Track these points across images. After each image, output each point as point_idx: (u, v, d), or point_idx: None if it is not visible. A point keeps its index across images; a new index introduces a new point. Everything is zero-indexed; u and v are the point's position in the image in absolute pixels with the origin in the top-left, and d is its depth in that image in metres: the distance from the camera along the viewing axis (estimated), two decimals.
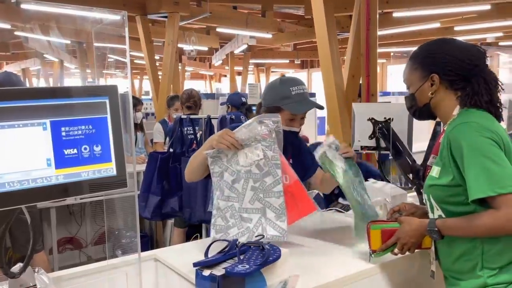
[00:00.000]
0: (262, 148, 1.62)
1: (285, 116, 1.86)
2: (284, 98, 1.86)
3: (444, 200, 1.36)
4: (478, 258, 1.32)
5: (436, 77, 1.43)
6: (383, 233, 1.49)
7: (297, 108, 1.87)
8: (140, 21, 6.94)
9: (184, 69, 13.96)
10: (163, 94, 6.81)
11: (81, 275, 1.52)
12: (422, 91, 1.47)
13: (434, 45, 1.48)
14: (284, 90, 1.88)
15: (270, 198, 1.63)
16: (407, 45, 11.22)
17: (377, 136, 2.39)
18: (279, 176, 1.62)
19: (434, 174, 1.38)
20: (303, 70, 17.65)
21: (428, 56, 1.46)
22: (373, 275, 1.56)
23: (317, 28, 3.95)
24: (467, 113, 1.37)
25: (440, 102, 1.45)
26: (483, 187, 1.22)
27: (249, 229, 1.64)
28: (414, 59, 1.51)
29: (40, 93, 1.05)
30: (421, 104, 1.49)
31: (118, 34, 2.28)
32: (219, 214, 1.71)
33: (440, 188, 1.36)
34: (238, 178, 1.67)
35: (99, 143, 1.12)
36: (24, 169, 1.01)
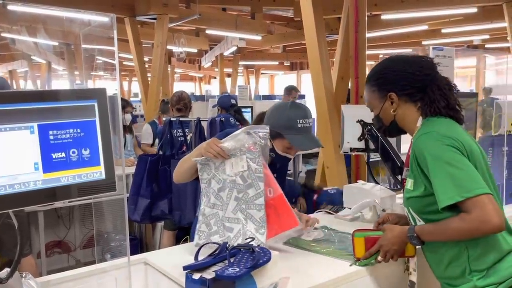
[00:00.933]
0: (247, 160, 1.62)
1: (285, 143, 1.89)
2: (289, 128, 1.87)
3: (422, 210, 1.40)
4: (465, 263, 1.34)
5: (394, 95, 1.47)
6: (366, 240, 1.51)
7: (299, 143, 1.89)
8: (129, 22, 6.91)
9: (173, 71, 13.90)
10: (152, 96, 6.78)
11: (70, 279, 1.51)
12: (385, 111, 1.51)
13: (383, 65, 1.54)
14: (291, 120, 1.88)
15: (251, 210, 1.63)
16: (396, 47, 11.33)
17: (366, 138, 2.40)
18: (261, 189, 1.62)
19: (409, 186, 1.42)
20: (293, 72, 17.70)
21: (381, 77, 1.52)
22: (363, 276, 1.57)
23: (306, 30, 3.96)
24: (428, 123, 1.42)
25: (404, 117, 1.49)
26: (450, 194, 1.25)
27: (229, 238, 1.64)
28: (369, 82, 1.56)
29: (28, 96, 1.04)
30: (387, 122, 1.53)
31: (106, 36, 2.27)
32: (204, 220, 1.71)
33: (416, 200, 1.39)
34: (223, 187, 1.68)
35: (88, 147, 1.11)
36: (11, 173, 1.00)
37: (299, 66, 17.29)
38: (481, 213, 1.21)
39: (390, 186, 2.53)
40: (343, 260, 1.62)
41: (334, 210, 2.33)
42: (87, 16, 1.62)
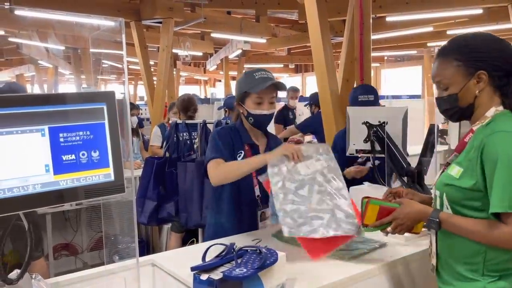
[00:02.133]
0: (325, 159, 1.80)
1: (253, 100, 1.99)
2: (250, 82, 2.00)
3: (458, 202, 1.34)
4: (480, 264, 1.31)
5: (484, 74, 1.32)
6: (381, 209, 1.48)
7: (259, 86, 1.96)
8: (134, 26, 6.95)
9: (178, 74, 13.95)
10: (158, 100, 6.81)
11: (79, 280, 1.52)
12: (467, 90, 1.34)
13: (475, 40, 1.37)
14: (248, 77, 2.03)
15: (337, 199, 1.70)
16: (401, 49, 11.31)
17: (372, 140, 2.40)
18: (343, 183, 1.74)
19: (454, 173, 1.34)
20: (297, 74, 17.71)
21: (473, 51, 1.34)
22: (370, 277, 1.58)
23: (311, 32, 3.97)
24: (506, 119, 1.31)
25: (484, 101, 1.35)
26: (508, 203, 1.20)
27: (323, 224, 1.63)
28: (453, 55, 1.36)
29: (39, 99, 1.06)
30: (464, 104, 1.36)
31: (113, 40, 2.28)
32: (286, 215, 1.69)
33: (457, 189, 1.33)
34: (302, 185, 1.73)
35: (97, 149, 1.13)
36: (22, 175, 1.02)
37: (304, 68, 17.29)
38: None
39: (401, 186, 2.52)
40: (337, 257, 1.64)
41: None
42: (95, 20, 1.64)
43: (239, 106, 2.07)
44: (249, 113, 2.02)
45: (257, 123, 2.04)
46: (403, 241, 1.81)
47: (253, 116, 2.02)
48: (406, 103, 6.43)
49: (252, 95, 1.99)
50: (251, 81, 2.01)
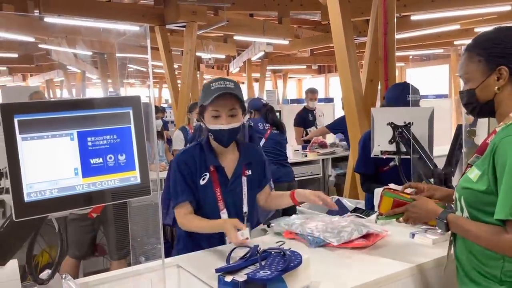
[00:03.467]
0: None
1: (209, 114, 1.82)
2: (204, 95, 1.82)
3: (474, 205, 1.31)
4: (497, 270, 1.28)
5: (505, 70, 1.28)
6: (395, 202, 1.58)
7: (211, 98, 1.76)
8: (159, 31, 7.07)
9: (202, 77, 14.10)
10: (182, 102, 6.91)
11: (107, 281, 1.56)
12: (486, 86, 1.31)
13: (497, 34, 1.32)
14: (205, 88, 1.86)
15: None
16: (427, 48, 11.09)
17: (397, 141, 2.37)
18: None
19: (472, 176, 1.30)
20: (321, 75, 17.61)
21: (495, 46, 1.30)
22: (393, 282, 1.55)
23: (334, 33, 3.95)
24: None
25: (505, 98, 1.30)
26: (508, 209, 1.17)
27: (352, 229, 1.81)
28: (476, 50, 1.33)
29: (68, 105, 1.09)
30: (483, 100, 1.33)
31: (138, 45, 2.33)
32: (324, 232, 1.84)
33: (474, 193, 1.29)
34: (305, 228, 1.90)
35: (124, 152, 1.15)
36: (53, 178, 1.05)
37: (327, 69, 17.17)
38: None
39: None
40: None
41: (365, 214, 2.30)
42: (121, 26, 1.68)
43: (201, 121, 1.90)
44: (208, 128, 1.85)
45: (217, 139, 1.85)
46: (431, 243, 1.78)
47: (212, 132, 1.84)
48: (433, 103, 6.31)
49: (208, 108, 1.81)
50: (206, 92, 1.81)
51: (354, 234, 1.79)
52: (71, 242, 3.17)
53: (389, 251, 1.74)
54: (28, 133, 1.01)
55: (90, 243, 3.21)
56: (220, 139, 1.85)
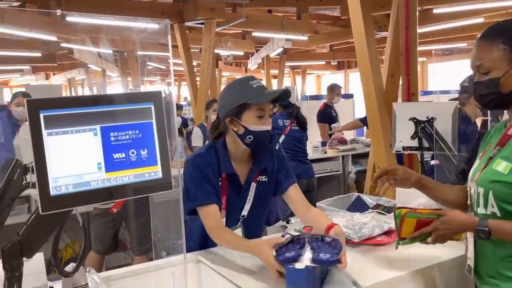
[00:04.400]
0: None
1: (253, 114, 1.67)
2: (248, 93, 1.66)
3: (509, 199, 1.26)
4: None
5: None
6: (418, 223, 1.39)
7: (266, 97, 1.66)
8: (177, 28, 7.11)
9: (220, 74, 14.13)
10: (201, 99, 6.94)
11: (131, 274, 1.58)
12: (511, 76, 1.27)
13: None
14: (245, 87, 1.69)
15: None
16: (450, 42, 10.85)
17: (420, 136, 2.33)
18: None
19: (501, 169, 1.26)
20: (340, 71, 17.45)
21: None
22: (414, 279, 1.53)
23: (354, 28, 3.89)
24: None
25: None
26: None
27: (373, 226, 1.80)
28: (499, 38, 1.30)
29: (92, 100, 1.11)
30: (506, 90, 1.29)
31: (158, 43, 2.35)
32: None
33: (508, 186, 1.25)
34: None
35: (146, 147, 1.16)
36: (77, 172, 1.07)
37: (347, 65, 17.00)
38: None
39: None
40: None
41: (387, 211, 2.27)
42: (142, 24, 1.69)
43: (231, 123, 1.70)
44: (247, 130, 1.67)
45: (257, 142, 1.69)
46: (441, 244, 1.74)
47: (253, 134, 1.67)
48: None
49: (252, 107, 1.66)
50: (249, 90, 1.66)
51: (375, 230, 1.77)
52: (94, 237, 3.23)
53: (411, 248, 1.71)
54: (54, 128, 1.03)
55: (112, 238, 3.26)
56: (262, 141, 1.71)
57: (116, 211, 3.13)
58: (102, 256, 3.28)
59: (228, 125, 1.72)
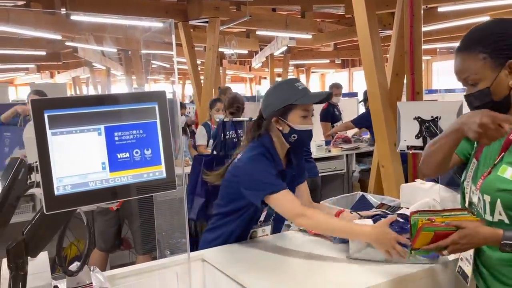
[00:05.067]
0: None
1: (298, 114, 1.79)
2: (294, 94, 1.79)
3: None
4: None
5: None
6: (435, 235, 1.29)
7: (313, 98, 1.80)
8: (181, 27, 7.11)
9: (225, 72, 14.14)
10: (205, 98, 6.94)
11: (134, 273, 1.58)
12: (500, 83, 1.24)
13: (496, 28, 1.27)
14: (291, 87, 1.82)
15: None
16: (454, 40, 10.79)
17: (424, 135, 2.32)
18: None
19: (508, 176, 1.21)
20: (344, 69, 17.40)
21: (497, 40, 1.24)
22: (417, 280, 1.52)
23: (359, 26, 3.88)
24: None
25: None
26: None
27: None
28: (476, 47, 1.27)
29: (95, 100, 1.11)
30: (499, 97, 1.26)
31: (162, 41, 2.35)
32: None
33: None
34: None
35: (150, 147, 1.16)
36: (81, 172, 1.07)
37: (351, 63, 16.96)
38: None
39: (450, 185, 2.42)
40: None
41: (391, 210, 2.26)
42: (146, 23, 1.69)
43: (277, 122, 1.82)
44: (292, 129, 1.80)
45: (301, 141, 1.83)
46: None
47: (298, 133, 1.80)
48: (460, 97, 6.13)
49: (298, 108, 1.79)
50: (296, 92, 1.79)
51: None
52: (97, 235, 3.25)
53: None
54: (58, 128, 1.03)
55: (115, 236, 3.27)
56: (305, 140, 1.86)
57: (116, 208, 3.14)
58: (106, 254, 3.30)
59: (274, 124, 1.83)
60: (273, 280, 1.50)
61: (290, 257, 1.73)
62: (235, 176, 1.84)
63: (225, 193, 1.93)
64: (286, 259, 1.72)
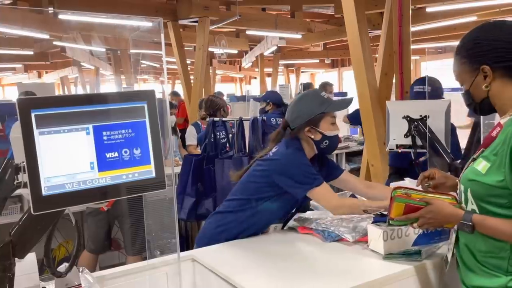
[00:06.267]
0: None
1: (328, 121, 1.94)
2: (322, 103, 1.93)
3: (484, 198, 1.28)
4: (504, 260, 1.26)
5: (487, 68, 1.29)
6: (406, 207, 1.43)
7: (340, 106, 1.99)
8: (171, 26, 7.08)
9: (214, 72, 14.10)
10: (195, 98, 6.92)
11: (124, 274, 1.57)
12: (476, 86, 1.33)
13: (475, 34, 1.34)
14: (318, 97, 1.96)
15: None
16: (442, 40, 10.90)
17: (413, 134, 2.34)
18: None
19: (480, 168, 1.28)
20: (334, 69, 17.47)
21: (474, 47, 1.32)
22: (402, 279, 1.54)
23: (348, 26, 3.90)
24: None
25: (499, 94, 1.30)
26: None
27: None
28: (460, 53, 1.37)
29: (84, 99, 1.10)
30: (478, 99, 1.35)
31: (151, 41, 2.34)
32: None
33: (482, 186, 1.27)
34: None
35: (139, 146, 1.16)
36: (69, 172, 1.06)
37: (340, 63, 17.03)
38: None
39: None
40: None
41: None
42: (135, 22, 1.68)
43: (310, 131, 1.94)
44: (324, 136, 1.93)
45: (331, 146, 1.97)
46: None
47: (329, 139, 1.95)
48: (449, 96, 6.20)
49: (328, 115, 1.94)
50: (323, 101, 1.93)
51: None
52: (87, 236, 3.21)
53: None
54: (45, 128, 1.02)
55: (104, 237, 3.24)
56: (335, 145, 1.98)
57: (107, 209, 3.11)
58: (96, 256, 3.27)
59: (304, 133, 1.94)
60: (265, 280, 1.50)
61: (281, 256, 1.73)
62: (269, 170, 1.91)
63: (248, 187, 1.98)
64: (278, 258, 1.72)
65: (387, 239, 1.62)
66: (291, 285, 1.46)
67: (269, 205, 1.93)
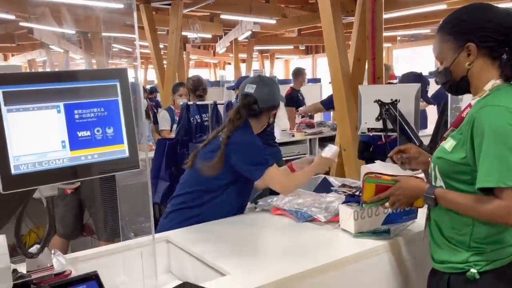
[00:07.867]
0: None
1: (280, 107, 2.16)
2: (279, 92, 2.14)
3: (449, 175, 1.34)
4: (466, 236, 1.32)
5: (473, 46, 1.30)
6: (377, 187, 1.49)
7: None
8: (143, 9, 6.92)
9: (188, 57, 13.91)
10: (168, 83, 6.83)
11: (97, 256, 1.56)
12: (458, 64, 1.33)
13: (463, 11, 1.35)
14: (277, 85, 2.15)
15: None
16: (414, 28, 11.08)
17: (384, 118, 2.39)
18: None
19: (447, 147, 1.34)
20: (308, 56, 17.53)
21: (460, 23, 1.33)
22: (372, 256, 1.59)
23: (322, 12, 3.92)
24: (500, 94, 1.28)
25: (478, 74, 1.32)
26: (494, 177, 1.18)
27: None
28: (444, 29, 1.37)
29: (54, 76, 1.08)
30: (457, 77, 1.36)
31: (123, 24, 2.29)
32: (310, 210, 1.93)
33: (448, 163, 1.32)
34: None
35: (111, 125, 1.14)
36: (40, 151, 1.04)
37: (315, 49, 17.10)
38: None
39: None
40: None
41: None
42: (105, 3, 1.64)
43: (272, 116, 2.13)
44: (271, 123, 2.15)
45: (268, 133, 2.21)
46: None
47: (269, 126, 2.19)
48: None
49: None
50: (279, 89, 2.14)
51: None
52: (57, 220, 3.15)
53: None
54: (14, 105, 0.99)
55: (74, 221, 3.17)
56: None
57: (75, 192, 3.05)
58: (67, 241, 3.21)
59: (270, 116, 2.10)
60: (238, 259, 1.52)
61: (254, 236, 1.76)
62: (227, 155, 1.94)
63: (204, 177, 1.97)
64: (251, 238, 1.75)
65: (358, 219, 1.67)
66: (263, 263, 1.49)
67: (228, 194, 1.97)
